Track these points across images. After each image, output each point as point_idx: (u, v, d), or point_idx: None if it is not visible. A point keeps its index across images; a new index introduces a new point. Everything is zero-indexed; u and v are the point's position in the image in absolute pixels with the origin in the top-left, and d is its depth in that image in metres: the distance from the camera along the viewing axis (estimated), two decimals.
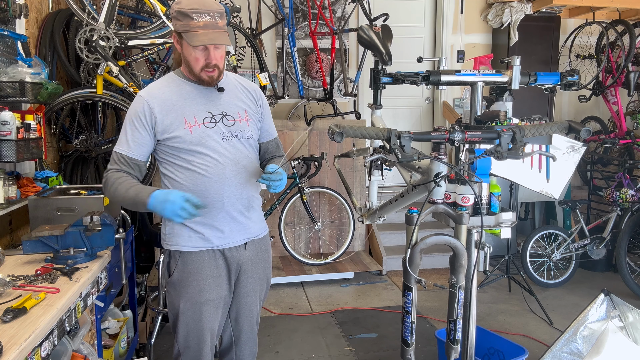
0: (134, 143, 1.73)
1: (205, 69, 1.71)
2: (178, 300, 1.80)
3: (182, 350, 1.83)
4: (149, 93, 1.75)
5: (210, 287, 1.78)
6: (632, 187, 4.29)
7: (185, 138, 1.72)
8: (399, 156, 1.53)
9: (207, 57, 1.69)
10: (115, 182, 1.70)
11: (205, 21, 1.63)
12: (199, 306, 1.78)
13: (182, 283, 1.78)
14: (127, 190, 1.68)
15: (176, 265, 1.79)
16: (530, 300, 3.70)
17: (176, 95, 1.75)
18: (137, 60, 3.53)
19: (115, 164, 1.74)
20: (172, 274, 1.80)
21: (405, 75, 2.02)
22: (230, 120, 1.79)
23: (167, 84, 1.79)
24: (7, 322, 1.40)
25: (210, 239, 1.78)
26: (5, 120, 2.30)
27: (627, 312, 2.50)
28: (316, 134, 4.56)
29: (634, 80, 4.39)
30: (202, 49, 1.68)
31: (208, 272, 1.79)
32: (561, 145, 2.49)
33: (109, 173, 1.73)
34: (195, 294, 1.77)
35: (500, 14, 5.19)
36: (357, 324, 3.46)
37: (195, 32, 1.63)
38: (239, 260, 1.85)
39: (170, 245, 1.81)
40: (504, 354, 2.55)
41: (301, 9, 5.04)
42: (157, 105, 1.72)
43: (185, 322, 1.80)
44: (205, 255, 1.79)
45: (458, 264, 1.74)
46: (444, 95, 5.56)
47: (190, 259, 1.78)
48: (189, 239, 1.78)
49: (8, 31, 2.62)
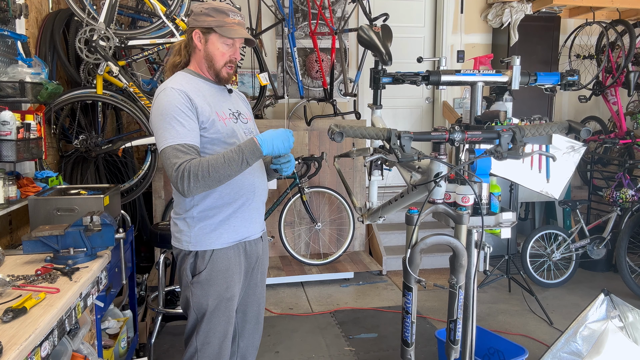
0: (192, 131, 1.68)
1: (228, 65, 1.80)
2: (206, 299, 1.80)
3: (201, 347, 1.82)
4: (180, 85, 1.73)
5: (235, 282, 1.84)
6: (632, 187, 4.29)
7: (222, 130, 1.76)
8: (399, 156, 1.53)
9: (233, 53, 1.81)
10: (203, 163, 1.61)
11: (239, 20, 1.79)
12: (225, 302, 1.82)
13: (211, 281, 1.80)
14: (225, 158, 1.62)
15: (205, 265, 1.79)
16: (530, 300, 3.70)
17: (201, 90, 1.79)
18: (137, 60, 3.53)
19: (184, 155, 1.63)
20: (200, 274, 1.79)
21: (405, 75, 2.02)
22: (244, 119, 1.90)
23: (187, 80, 1.78)
24: (7, 322, 1.40)
25: (240, 229, 1.83)
26: (5, 120, 2.30)
27: (627, 312, 2.50)
28: (316, 134, 4.56)
29: (634, 80, 4.39)
30: (231, 45, 1.79)
31: (234, 268, 1.84)
32: (561, 145, 2.49)
33: (185, 164, 1.61)
34: (223, 290, 1.81)
35: (500, 14, 5.19)
36: (357, 324, 3.46)
37: (232, 27, 1.75)
38: (257, 253, 1.94)
39: (198, 246, 1.79)
40: (504, 354, 2.55)
41: (301, 9, 5.04)
42: (193, 95, 1.72)
43: (212, 319, 1.81)
44: (232, 252, 1.83)
45: (458, 264, 1.74)
46: (444, 95, 5.56)
47: (219, 257, 1.80)
48: (219, 236, 1.80)
49: (8, 31, 2.62)
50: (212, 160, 1.62)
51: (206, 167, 1.60)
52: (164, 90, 1.72)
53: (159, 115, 1.68)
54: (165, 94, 1.70)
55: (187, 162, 1.62)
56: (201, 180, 1.61)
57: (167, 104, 1.68)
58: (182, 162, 1.62)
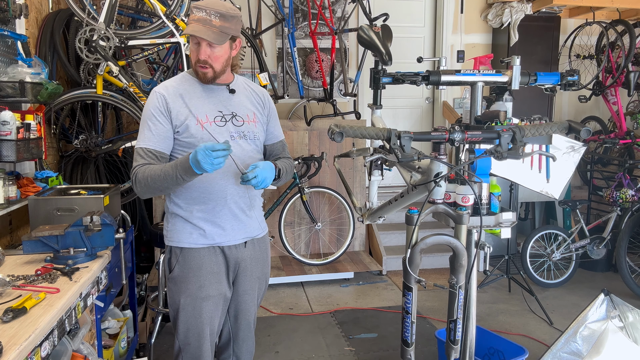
0: (158, 136, 1.75)
1: (198, 64, 1.75)
2: (178, 296, 1.81)
3: (183, 347, 1.84)
4: (163, 88, 1.80)
5: (211, 283, 1.81)
6: (632, 187, 4.29)
7: (196, 134, 1.75)
8: (399, 156, 1.53)
9: (198, 52, 1.73)
10: (146, 171, 1.68)
11: (200, 16, 1.69)
12: (199, 302, 1.80)
13: (183, 279, 1.81)
14: (162, 171, 1.66)
15: (177, 261, 1.82)
16: (530, 300, 3.70)
17: (189, 92, 1.80)
18: (137, 60, 3.53)
19: (141, 159, 1.73)
20: (173, 270, 1.83)
21: (405, 75, 2.02)
22: (240, 120, 1.85)
23: (181, 82, 1.83)
24: (7, 322, 1.40)
25: (211, 235, 1.81)
26: (5, 120, 2.30)
27: (627, 312, 2.50)
28: (316, 134, 4.56)
29: (634, 80, 4.39)
30: (195, 43, 1.73)
31: (208, 268, 1.81)
32: (561, 145, 2.49)
33: (137, 169, 1.71)
34: (196, 289, 1.80)
35: (500, 14, 5.19)
36: (357, 324, 3.46)
37: (190, 23, 1.72)
38: (237, 258, 1.87)
39: (171, 242, 1.84)
40: (504, 354, 2.55)
41: (301, 9, 5.04)
42: (171, 99, 1.77)
43: (186, 318, 1.81)
44: (206, 252, 1.81)
45: (458, 264, 1.74)
46: (444, 95, 5.56)
47: (190, 255, 1.80)
48: (189, 235, 1.81)
49: (8, 31, 2.62)
50: (152, 171, 1.67)
51: (148, 175, 1.68)
52: (152, 92, 1.80)
53: (142, 115, 1.80)
54: (150, 97, 1.79)
55: (139, 167, 1.71)
56: (145, 187, 1.70)
57: (146, 106, 1.79)
58: (136, 165, 1.72)
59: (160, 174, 1.65)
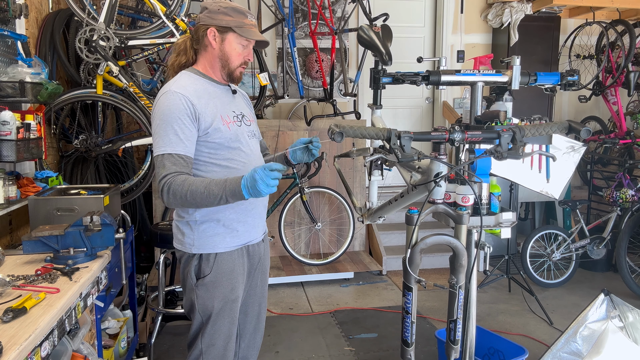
0: (187, 141, 1.65)
1: (242, 65, 1.81)
2: (212, 301, 1.78)
3: (206, 349, 1.81)
4: (182, 89, 1.69)
5: (239, 284, 1.85)
6: (632, 187, 4.29)
7: (226, 134, 1.74)
8: (399, 156, 1.53)
9: (248, 54, 1.81)
10: (185, 185, 1.59)
11: (254, 22, 1.80)
12: (230, 304, 1.82)
13: (216, 284, 1.79)
14: (206, 189, 1.58)
15: (210, 268, 1.78)
16: (530, 300, 3.70)
17: (207, 92, 1.76)
18: (137, 60, 3.53)
19: (173, 166, 1.62)
20: (206, 277, 1.78)
21: (405, 75, 2.02)
22: (248, 121, 1.89)
23: (192, 81, 1.75)
24: (7, 322, 1.40)
25: (243, 235, 1.84)
26: (5, 120, 2.30)
27: (627, 312, 2.50)
28: (316, 134, 4.56)
29: (634, 80, 4.39)
30: (246, 46, 1.79)
31: (238, 270, 1.85)
32: (561, 145, 2.49)
33: (170, 179, 1.60)
34: (228, 292, 1.81)
35: (500, 14, 5.19)
36: (357, 324, 3.46)
37: (250, 28, 1.76)
38: (260, 255, 1.95)
39: (202, 249, 1.78)
40: (504, 354, 2.55)
41: (301, 9, 5.04)
42: (196, 101, 1.69)
43: (217, 321, 1.81)
44: (236, 255, 1.84)
45: (458, 264, 1.74)
46: (444, 95, 5.56)
47: (223, 259, 1.80)
48: (222, 239, 1.79)
49: (8, 31, 2.62)
50: (194, 185, 1.59)
51: (186, 189, 1.58)
52: (165, 93, 1.68)
53: (158, 119, 1.66)
54: (167, 98, 1.66)
55: (171, 176, 1.61)
56: (179, 200, 1.60)
57: (167, 109, 1.65)
58: (167, 173, 1.61)
59: (204, 192, 1.58)
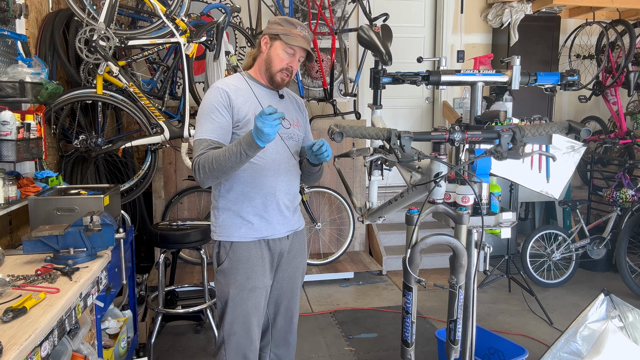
0: (220, 129, 1.85)
1: (284, 71, 1.92)
2: (227, 287, 1.93)
3: (227, 338, 1.94)
4: (224, 84, 1.91)
5: (257, 275, 1.93)
6: (632, 187, 4.29)
7: None
8: (399, 156, 1.53)
9: (291, 62, 1.92)
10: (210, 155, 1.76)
11: (304, 34, 1.92)
12: (246, 292, 1.92)
13: (232, 271, 1.93)
14: (226, 151, 1.73)
15: (227, 255, 1.94)
16: (530, 300, 3.70)
17: (247, 91, 1.93)
18: (137, 60, 3.53)
19: (203, 149, 1.81)
20: (222, 263, 1.95)
21: (405, 75, 2.02)
22: (288, 124, 1.99)
23: (238, 81, 1.96)
24: (7, 322, 1.40)
25: (259, 228, 1.94)
26: (5, 120, 2.30)
27: (627, 312, 2.50)
28: (316, 134, 4.55)
29: (634, 80, 4.39)
30: (291, 54, 1.91)
31: (255, 260, 1.94)
32: (561, 145, 2.49)
33: (199, 157, 1.79)
34: (244, 280, 1.92)
35: (500, 14, 5.19)
36: (357, 324, 3.46)
37: (296, 37, 1.89)
38: (281, 250, 2.02)
39: (220, 236, 1.96)
40: (504, 354, 2.55)
41: (301, 9, 5.04)
42: (233, 95, 1.89)
43: (234, 308, 1.92)
44: (253, 246, 1.94)
45: (458, 264, 1.74)
46: (444, 95, 5.55)
47: (239, 248, 1.93)
48: (238, 229, 1.93)
49: (8, 31, 2.62)
50: (216, 153, 1.76)
51: (211, 159, 1.75)
52: (210, 88, 1.92)
53: (200, 110, 1.90)
54: (209, 92, 1.90)
55: (200, 156, 1.80)
56: (208, 172, 1.77)
57: (207, 101, 1.89)
58: (197, 155, 1.81)
59: (225, 154, 1.73)
